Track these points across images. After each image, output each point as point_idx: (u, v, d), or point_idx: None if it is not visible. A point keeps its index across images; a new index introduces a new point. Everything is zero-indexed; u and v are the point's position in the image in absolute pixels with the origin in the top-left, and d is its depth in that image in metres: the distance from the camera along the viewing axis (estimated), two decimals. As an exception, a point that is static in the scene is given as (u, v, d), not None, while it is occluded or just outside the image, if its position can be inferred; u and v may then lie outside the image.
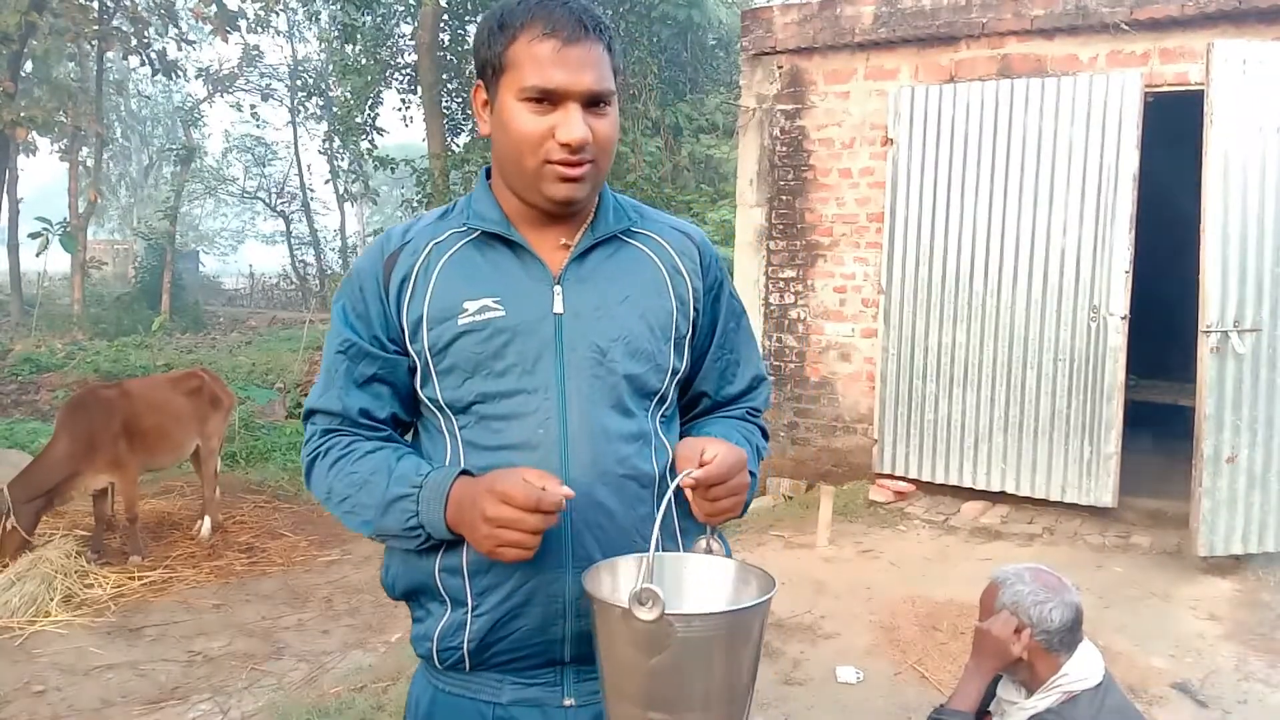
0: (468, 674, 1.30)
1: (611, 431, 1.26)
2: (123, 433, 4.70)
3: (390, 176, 15.50)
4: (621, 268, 1.33)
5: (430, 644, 1.30)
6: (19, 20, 12.00)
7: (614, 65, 1.26)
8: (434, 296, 1.27)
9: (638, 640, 1.07)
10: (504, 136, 1.25)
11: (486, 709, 1.30)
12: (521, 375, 1.25)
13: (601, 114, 1.24)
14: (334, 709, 3.28)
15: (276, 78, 24.68)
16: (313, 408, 1.35)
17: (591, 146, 1.23)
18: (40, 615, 4.11)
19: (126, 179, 33.20)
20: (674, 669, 1.07)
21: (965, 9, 5.67)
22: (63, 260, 19.41)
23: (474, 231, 1.31)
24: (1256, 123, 4.64)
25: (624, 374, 1.28)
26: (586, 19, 1.22)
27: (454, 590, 1.27)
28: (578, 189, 1.25)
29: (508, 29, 1.22)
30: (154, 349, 11.90)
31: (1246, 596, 4.45)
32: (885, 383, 6.02)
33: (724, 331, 1.44)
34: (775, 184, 6.45)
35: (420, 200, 13.03)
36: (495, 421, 1.25)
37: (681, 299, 1.35)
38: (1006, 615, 2.04)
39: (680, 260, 1.37)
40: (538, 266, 1.29)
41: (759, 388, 1.49)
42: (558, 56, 1.20)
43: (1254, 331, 4.69)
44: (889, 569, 4.83)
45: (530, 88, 1.20)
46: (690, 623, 1.08)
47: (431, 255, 1.30)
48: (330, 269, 25.95)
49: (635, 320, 1.30)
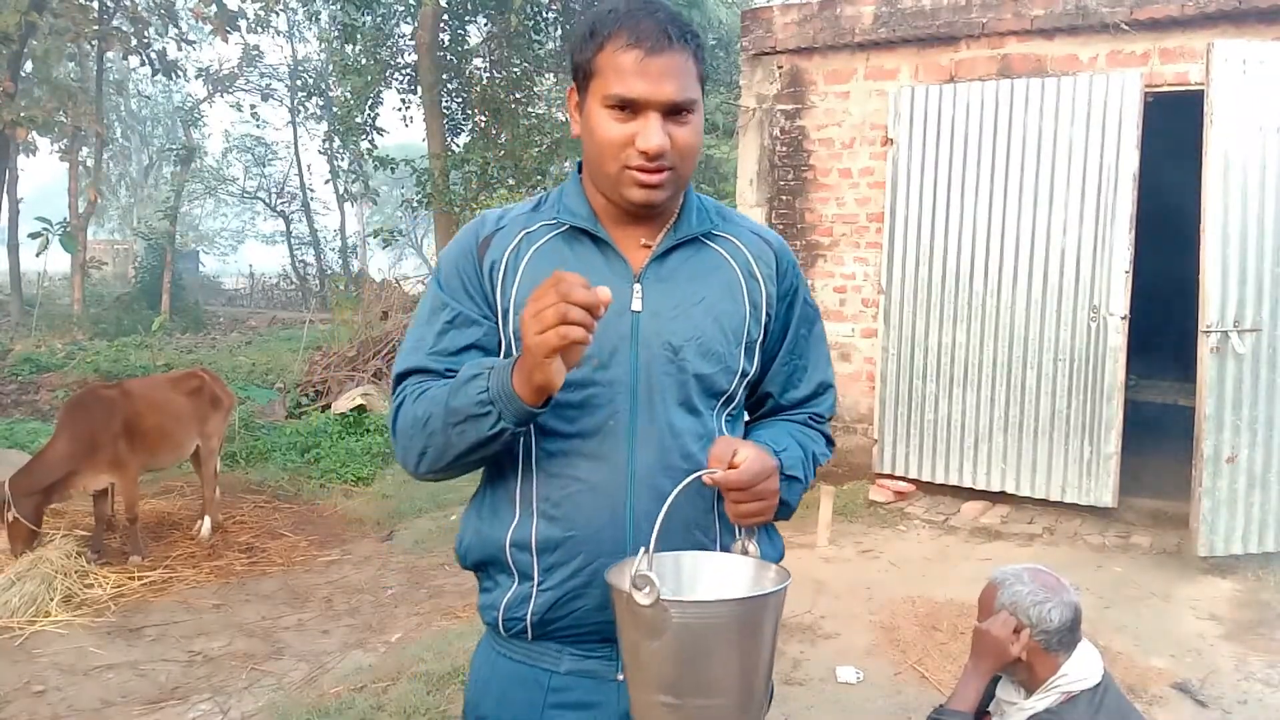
0: (529, 643, 1.37)
1: (678, 427, 1.32)
2: (123, 432, 4.70)
3: (390, 176, 15.50)
4: (699, 270, 1.37)
5: (496, 613, 1.37)
6: (19, 20, 12.01)
7: (699, 72, 1.31)
8: (522, 284, 1.33)
9: (640, 624, 1.13)
10: (590, 139, 1.31)
11: (544, 676, 1.36)
12: (597, 368, 1.30)
13: (683, 122, 1.28)
14: (334, 709, 3.28)
15: (276, 78, 24.69)
16: (405, 369, 1.38)
17: (671, 154, 1.27)
18: (40, 615, 4.10)
19: (126, 179, 33.19)
20: (676, 653, 1.12)
21: (965, 9, 5.67)
22: (63, 260, 19.41)
23: (563, 225, 1.37)
24: (1256, 123, 4.64)
25: (694, 373, 1.33)
26: (672, 29, 1.26)
27: (522, 565, 1.33)
28: (655, 194, 1.30)
29: (596, 36, 1.28)
30: (154, 349, 11.89)
31: (1246, 596, 4.45)
32: (885, 383, 6.02)
33: (795, 337, 1.48)
34: (775, 184, 6.45)
35: (420, 200, 13.02)
36: (569, 409, 1.30)
37: (755, 304, 1.39)
38: (1005, 616, 2.04)
39: (757, 265, 1.41)
40: (620, 263, 1.34)
41: (825, 394, 1.52)
42: (640, 67, 1.24)
43: (1254, 331, 4.69)
44: (889, 569, 4.83)
45: (613, 95, 1.25)
46: (686, 609, 1.12)
47: (522, 244, 1.36)
48: (330, 269, 25.94)
49: (709, 322, 1.35)
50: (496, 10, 13.13)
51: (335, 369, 8.78)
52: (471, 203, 11.94)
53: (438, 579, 4.81)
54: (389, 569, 4.95)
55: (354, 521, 5.76)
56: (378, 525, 5.70)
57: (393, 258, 37.38)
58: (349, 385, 8.28)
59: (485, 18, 13.93)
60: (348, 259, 27.84)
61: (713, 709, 1.15)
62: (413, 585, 4.71)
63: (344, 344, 9.51)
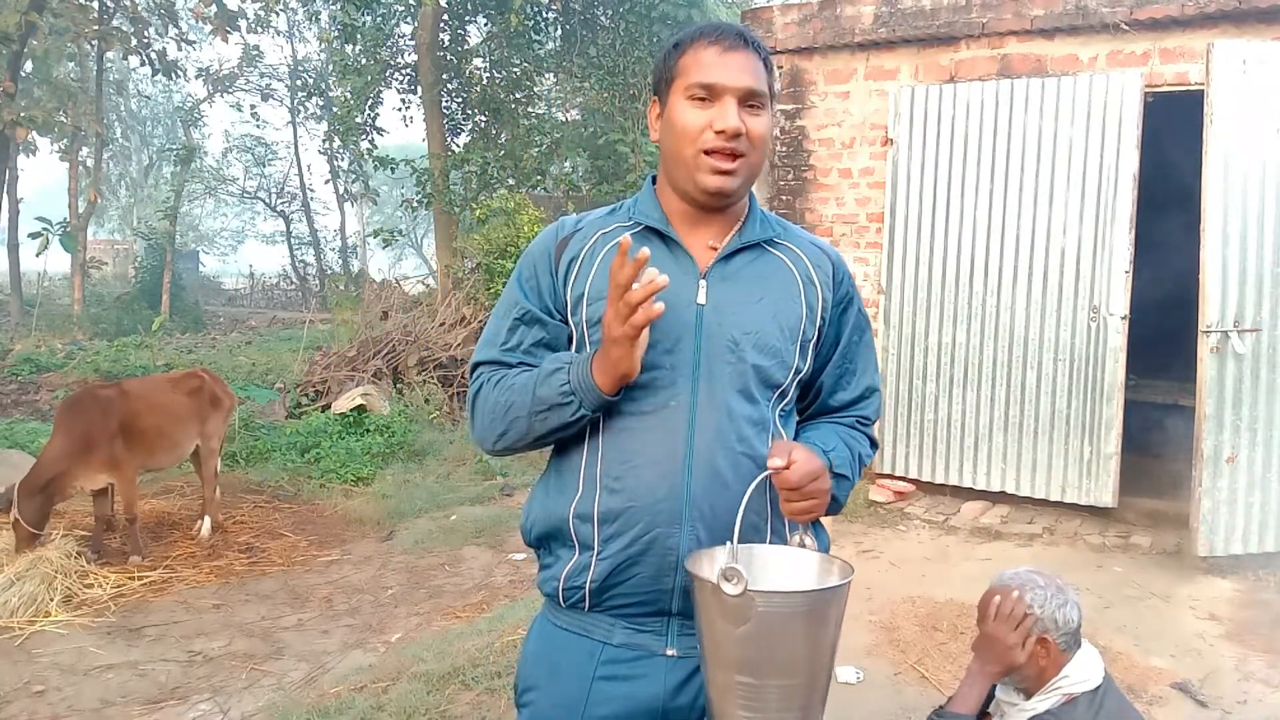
0: (585, 613, 1.47)
1: (735, 412, 1.43)
2: (119, 432, 4.69)
3: (390, 176, 15.48)
4: (761, 272, 1.49)
5: (557, 583, 1.47)
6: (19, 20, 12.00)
7: (770, 83, 1.45)
8: (596, 276, 1.46)
9: (726, 612, 1.24)
10: (670, 131, 1.44)
11: (596, 647, 1.46)
12: (663, 353, 1.41)
13: (756, 113, 1.42)
14: (334, 709, 3.27)
15: (276, 78, 24.67)
16: (479, 360, 1.54)
17: (744, 140, 1.40)
18: (40, 615, 4.10)
19: (126, 179, 33.18)
20: (757, 638, 1.24)
21: (965, 9, 5.67)
22: (63, 260, 19.41)
23: (637, 226, 1.49)
24: (1256, 123, 4.64)
25: (752, 364, 1.44)
26: (746, 35, 1.44)
27: (584, 536, 1.43)
28: (729, 181, 1.42)
29: (680, 46, 1.45)
30: (154, 349, 11.88)
31: (1246, 596, 4.45)
32: (885, 383, 6.02)
33: (848, 343, 1.59)
34: (775, 184, 6.45)
35: (420, 200, 13.01)
36: (635, 390, 1.40)
37: (811, 307, 1.50)
38: (1029, 621, 2.01)
39: (815, 273, 1.53)
40: (688, 261, 1.46)
41: (871, 397, 1.63)
42: (719, 59, 1.40)
43: (1254, 331, 4.69)
44: (889, 569, 4.83)
45: (694, 84, 1.41)
46: (770, 598, 1.25)
47: (598, 243, 1.50)
48: (330, 269, 25.93)
49: (768, 319, 1.46)
50: (496, 10, 13.12)
51: (335, 369, 8.77)
52: (471, 203, 11.94)
53: (438, 579, 4.81)
54: (389, 569, 4.95)
55: (354, 521, 5.76)
56: (378, 525, 5.69)
57: (393, 258, 37.38)
58: (349, 385, 8.27)
59: (485, 18, 13.91)
60: (348, 259, 27.85)
61: (787, 688, 1.27)
62: (413, 585, 4.71)
63: (344, 344, 9.50)
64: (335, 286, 19.47)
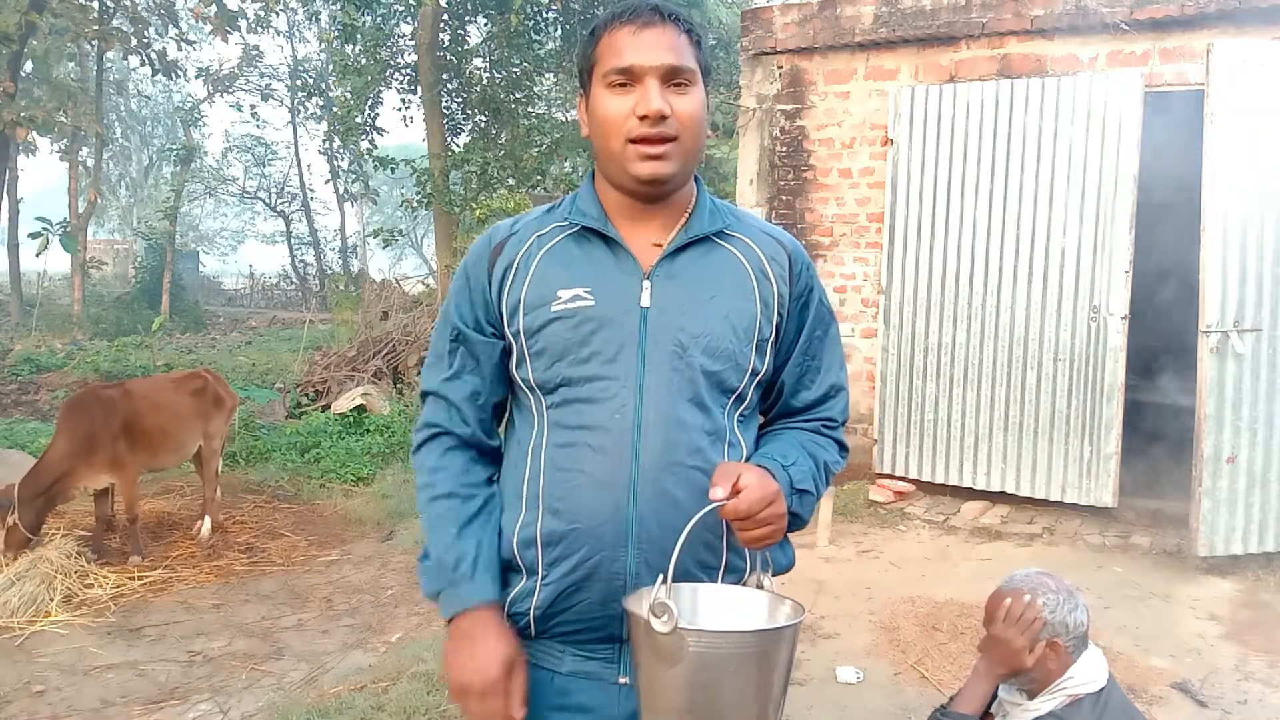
0: (532, 640, 1.38)
1: (687, 423, 1.32)
2: (122, 433, 4.69)
3: (390, 176, 15.49)
4: (711, 268, 1.38)
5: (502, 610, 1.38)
6: (19, 20, 11.99)
7: (698, 56, 1.34)
8: (532, 284, 1.36)
9: (658, 650, 1.15)
10: (595, 124, 1.34)
11: (546, 676, 1.38)
12: (604, 363, 1.32)
13: (682, 91, 1.31)
14: (334, 709, 3.27)
15: (276, 78, 24.65)
16: (428, 390, 1.47)
17: (673, 122, 1.29)
18: (40, 615, 4.10)
19: (126, 179, 33.19)
20: (692, 681, 1.14)
21: (965, 9, 5.67)
22: (63, 260, 19.41)
23: (574, 226, 1.39)
24: (1256, 123, 4.64)
25: (702, 369, 1.34)
26: (662, 8, 1.32)
27: (528, 560, 1.35)
28: (661, 166, 1.31)
29: (596, 32, 1.35)
30: (154, 349, 11.89)
31: (1246, 596, 4.45)
32: (885, 383, 6.02)
33: (809, 339, 1.47)
34: (775, 184, 6.45)
35: (420, 200, 13.01)
36: (578, 404, 1.33)
37: (766, 302, 1.39)
38: (1038, 625, 2.00)
39: (769, 265, 1.41)
40: (629, 261, 1.36)
41: (836, 396, 1.51)
42: (634, 39, 1.29)
43: (1254, 331, 4.69)
44: (889, 569, 4.83)
45: (612, 70, 1.30)
46: (701, 637, 1.14)
47: (533, 246, 1.39)
48: (330, 269, 25.93)
49: (719, 320, 1.35)
50: (496, 10, 13.12)
51: (335, 369, 8.78)
52: (471, 203, 11.93)
53: (438, 579, 4.80)
54: (389, 569, 4.95)
55: (354, 521, 5.76)
56: (378, 525, 5.69)
57: (393, 258, 37.36)
58: (349, 385, 8.28)
59: (485, 18, 13.91)
60: (348, 259, 27.86)
61: None
62: (413, 585, 4.71)
63: (344, 344, 9.51)
64: (335, 286, 19.48)
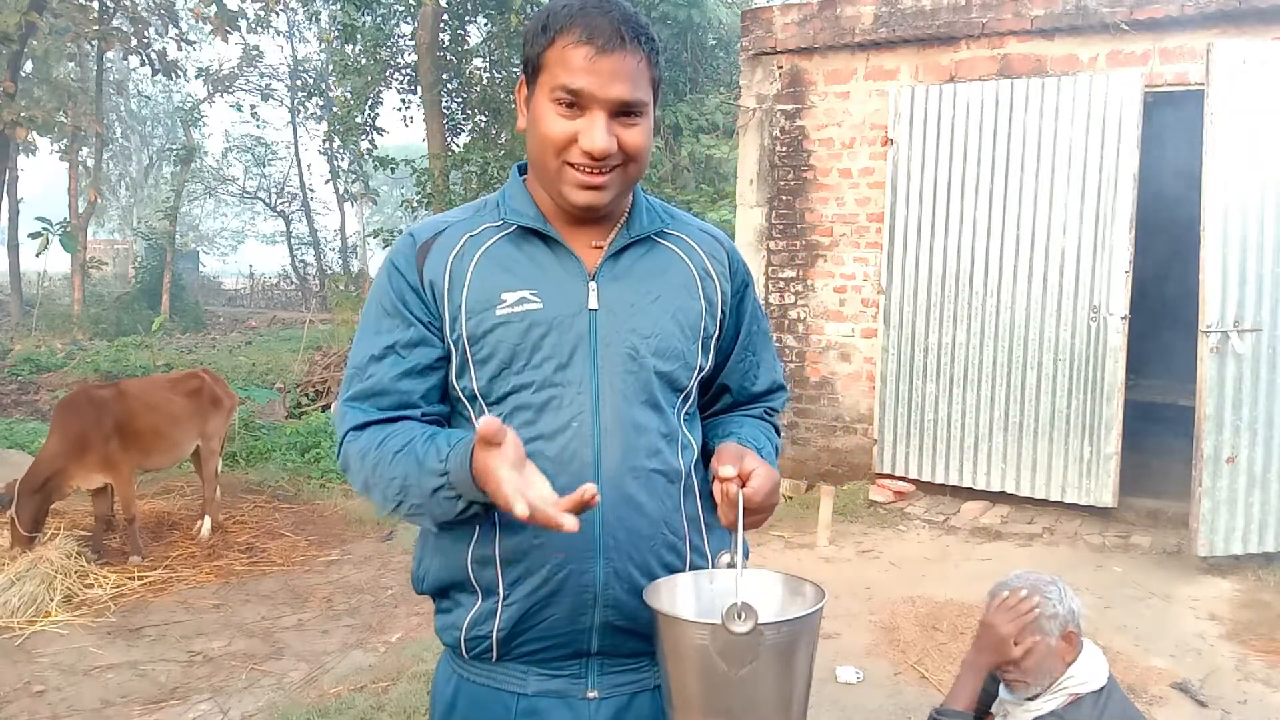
0: (494, 664, 1.32)
1: (643, 426, 1.29)
2: (115, 432, 4.68)
3: (390, 176, 15.50)
4: (654, 268, 1.35)
5: (458, 633, 1.32)
6: (19, 20, 11.99)
7: (654, 76, 1.26)
8: (471, 288, 1.29)
9: (727, 653, 1.12)
10: (533, 134, 1.27)
11: (511, 700, 1.31)
12: (557, 368, 1.27)
13: (631, 123, 1.24)
14: (334, 709, 3.28)
15: (276, 78, 24.64)
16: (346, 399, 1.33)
17: (617, 155, 1.24)
18: (40, 615, 4.10)
19: (126, 179, 33.19)
20: (755, 676, 1.14)
21: (965, 9, 5.67)
22: (63, 260, 19.41)
23: (510, 226, 1.32)
24: (1256, 123, 4.64)
25: (655, 371, 1.31)
26: (626, 29, 1.21)
27: (486, 581, 1.28)
28: (598, 196, 1.26)
29: (549, 31, 1.23)
30: (154, 349, 11.89)
31: (1246, 596, 4.45)
32: (885, 383, 6.02)
33: (748, 334, 1.47)
34: (775, 184, 6.45)
35: (420, 200, 13.02)
36: (528, 412, 1.27)
37: (710, 300, 1.38)
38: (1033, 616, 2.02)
39: (710, 263, 1.40)
40: (573, 262, 1.31)
41: (779, 393, 1.54)
42: (590, 65, 1.20)
43: (1254, 331, 4.69)
44: (889, 569, 4.83)
45: (559, 88, 1.21)
46: (779, 629, 1.14)
47: (466, 248, 1.31)
48: (330, 269, 25.93)
49: (667, 319, 1.33)
50: (496, 10, 13.13)
51: (335, 369, 8.78)
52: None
53: (438, 579, 4.81)
54: (389, 569, 4.95)
55: (354, 521, 5.75)
56: (378, 525, 5.69)
57: (393, 258, 37.32)
58: (349, 385, 8.27)
59: (485, 18, 13.92)
60: (348, 259, 27.85)
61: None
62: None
63: (344, 344, 9.51)
64: (335, 286, 19.49)
